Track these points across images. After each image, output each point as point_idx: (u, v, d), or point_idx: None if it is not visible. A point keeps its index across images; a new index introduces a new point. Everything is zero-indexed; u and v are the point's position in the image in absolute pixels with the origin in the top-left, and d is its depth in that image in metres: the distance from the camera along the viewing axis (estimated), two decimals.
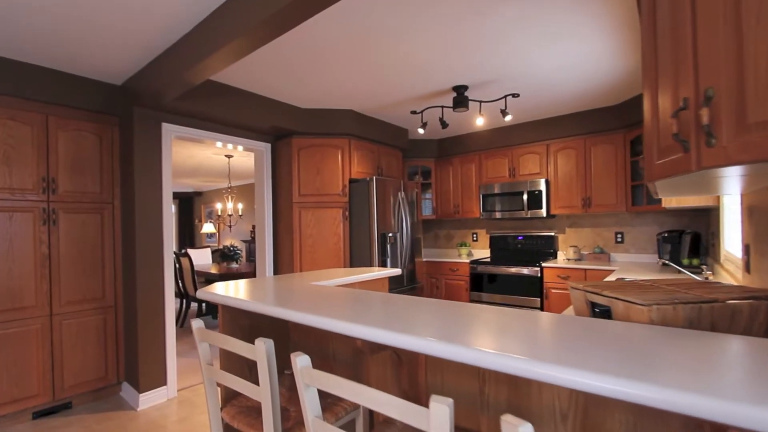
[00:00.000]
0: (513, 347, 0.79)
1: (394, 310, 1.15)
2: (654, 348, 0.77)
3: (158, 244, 2.90)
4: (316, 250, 3.59)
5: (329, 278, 1.88)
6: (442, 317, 1.06)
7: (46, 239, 2.64)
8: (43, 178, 2.64)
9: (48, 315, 2.64)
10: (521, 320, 1.02)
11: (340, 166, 3.64)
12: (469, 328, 0.94)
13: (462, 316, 1.08)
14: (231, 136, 3.38)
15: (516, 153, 4.33)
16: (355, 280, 1.93)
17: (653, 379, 0.63)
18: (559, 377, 0.69)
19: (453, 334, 0.89)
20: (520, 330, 0.92)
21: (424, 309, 1.16)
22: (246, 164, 6.51)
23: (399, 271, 2.27)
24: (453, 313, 1.10)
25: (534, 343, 0.82)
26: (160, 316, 2.90)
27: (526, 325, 0.97)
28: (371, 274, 2.01)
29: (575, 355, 0.74)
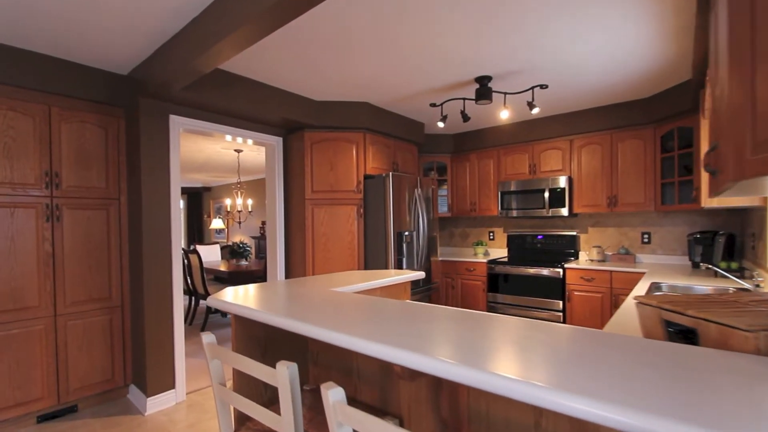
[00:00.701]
0: (579, 383, 0.63)
1: (428, 328, 0.99)
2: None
3: (166, 241, 2.78)
4: (330, 249, 3.44)
5: (348, 283, 1.73)
6: (491, 336, 0.90)
7: (49, 236, 2.53)
8: (46, 173, 2.52)
9: (52, 315, 2.53)
10: (582, 343, 0.86)
11: (354, 161, 3.48)
12: (526, 354, 0.78)
13: (510, 333, 0.92)
14: (241, 130, 3.23)
15: (537, 149, 4.13)
16: (377, 285, 1.78)
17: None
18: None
19: (499, 361, 0.73)
20: (589, 357, 0.76)
21: (467, 325, 1.00)
22: (256, 159, 6.38)
23: (422, 274, 2.11)
24: (504, 331, 0.94)
25: (610, 378, 0.66)
26: (168, 316, 2.78)
27: (592, 350, 0.81)
28: (393, 279, 1.86)
29: (673, 400, 0.58)
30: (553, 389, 0.65)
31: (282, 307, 1.25)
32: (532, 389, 0.66)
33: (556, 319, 3.68)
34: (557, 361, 0.77)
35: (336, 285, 1.70)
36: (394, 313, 1.16)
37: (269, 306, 1.26)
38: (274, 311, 1.18)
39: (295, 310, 1.20)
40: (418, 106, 3.62)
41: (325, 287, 1.63)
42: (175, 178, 2.82)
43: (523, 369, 0.73)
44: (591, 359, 0.77)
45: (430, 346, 0.87)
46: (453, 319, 1.09)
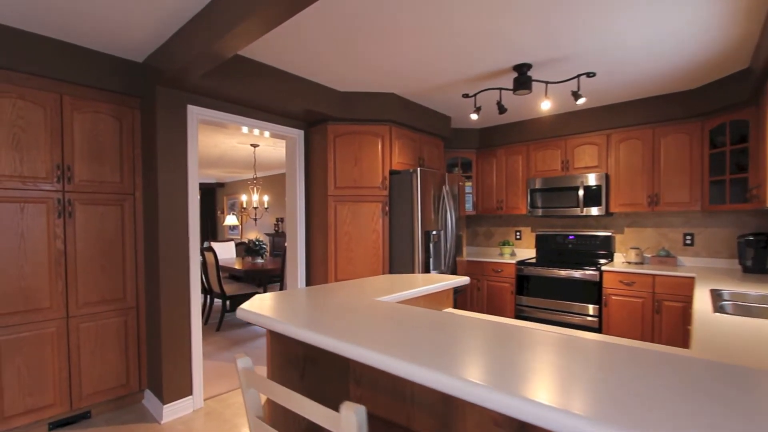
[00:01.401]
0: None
1: (525, 359, 0.79)
2: None
3: (183, 238, 2.62)
4: (353, 249, 3.25)
5: (390, 291, 1.54)
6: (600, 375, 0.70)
7: (61, 234, 2.38)
8: (58, 166, 2.36)
9: (64, 317, 2.39)
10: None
11: (380, 155, 3.28)
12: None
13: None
14: (261, 122, 3.05)
15: (571, 144, 3.89)
16: (423, 292, 1.59)
17: None
18: None
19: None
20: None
21: (578, 357, 0.81)
22: (272, 155, 6.21)
23: (467, 280, 1.91)
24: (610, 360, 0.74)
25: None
26: (185, 318, 2.62)
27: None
28: (439, 285, 1.66)
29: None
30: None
31: (328, 323, 1.06)
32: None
33: (590, 324, 3.46)
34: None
35: (377, 293, 1.51)
36: (467, 334, 0.96)
37: (313, 322, 1.07)
38: (323, 329, 1.00)
39: (345, 329, 1.01)
40: (448, 98, 3.40)
41: (366, 296, 1.44)
42: (192, 171, 2.66)
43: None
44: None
45: (553, 391, 0.67)
46: (552, 346, 0.89)
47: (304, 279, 3.43)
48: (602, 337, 1.32)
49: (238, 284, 5.17)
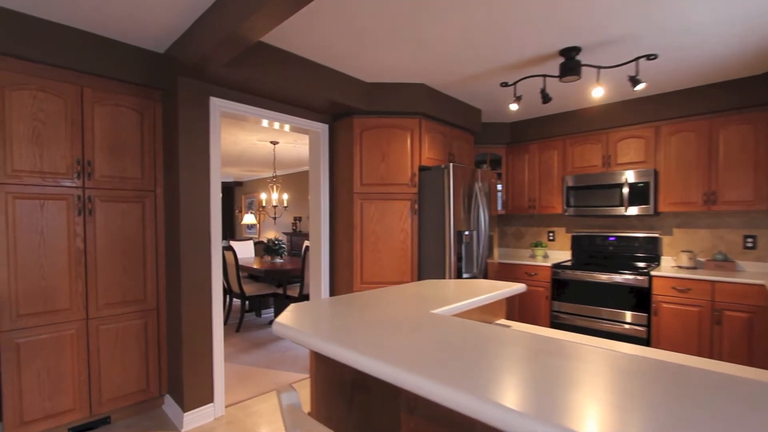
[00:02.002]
0: None
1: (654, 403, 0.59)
2: None
3: (205, 237, 2.49)
4: (380, 249, 3.08)
5: (445, 301, 1.34)
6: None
7: (81, 232, 2.28)
8: (78, 161, 2.27)
9: (84, 319, 2.29)
10: None
11: (409, 150, 3.09)
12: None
13: None
14: (283, 115, 2.90)
15: (613, 137, 3.61)
16: (483, 301, 1.39)
17: None
18: None
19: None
20: None
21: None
22: (291, 152, 6.11)
23: (523, 287, 1.70)
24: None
25: None
26: (206, 320, 2.50)
27: None
28: (498, 293, 1.46)
29: None
30: None
31: (388, 345, 0.88)
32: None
33: (636, 335, 3.18)
34: None
35: (428, 303, 1.32)
36: (573, 366, 0.76)
37: (368, 344, 0.89)
38: (385, 355, 0.81)
39: (409, 354, 0.83)
40: (481, 88, 3.18)
41: (419, 307, 1.25)
42: (215, 166, 2.53)
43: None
44: None
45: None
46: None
47: (328, 281, 3.27)
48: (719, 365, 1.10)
49: (257, 284, 5.07)
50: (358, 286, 3.08)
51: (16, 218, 2.08)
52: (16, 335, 2.07)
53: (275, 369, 3.37)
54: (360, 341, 0.89)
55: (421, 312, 1.17)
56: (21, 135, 2.09)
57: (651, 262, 3.57)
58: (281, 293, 4.78)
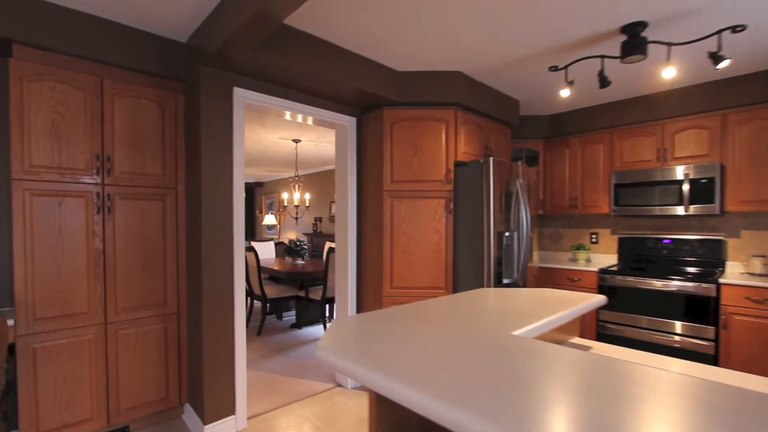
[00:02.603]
0: None
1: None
2: None
3: (227, 238, 2.33)
4: (412, 252, 2.85)
5: (521, 320, 1.10)
6: None
7: (100, 231, 2.16)
8: (97, 156, 2.15)
9: (102, 323, 2.17)
10: None
11: (443, 144, 2.85)
12: None
13: None
14: (309, 107, 2.72)
15: (670, 128, 3.26)
16: (565, 318, 1.14)
17: None
18: None
19: None
20: None
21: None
22: (313, 151, 5.97)
23: (603, 299, 1.44)
24: None
25: None
26: (228, 326, 2.34)
27: None
28: (579, 308, 1.21)
29: None
30: None
31: (482, 390, 0.65)
32: None
33: (701, 350, 2.82)
34: None
35: (499, 321, 1.08)
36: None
37: (456, 389, 0.67)
38: (498, 418, 0.59)
39: (513, 407, 0.60)
40: (522, 76, 2.91)
41: (490, 327, 1.02)
42: (238, 162, 2.37)
43: None
44: None
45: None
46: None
47: (355, 285, 3.06)
48: None
49: (278, 286, 4.93)
50: (388, 290, 2.87)
51: (34, 216, 1.97)
52: (33, 340, 1.96)
53: (298, 377, 3.20)
54: (440, 382, 0.67)
55: (499, 334, 0.94)
56: (39, 128, 1.98)
57: (714, 268, 3.19)
58: (303, 296, 4.63)
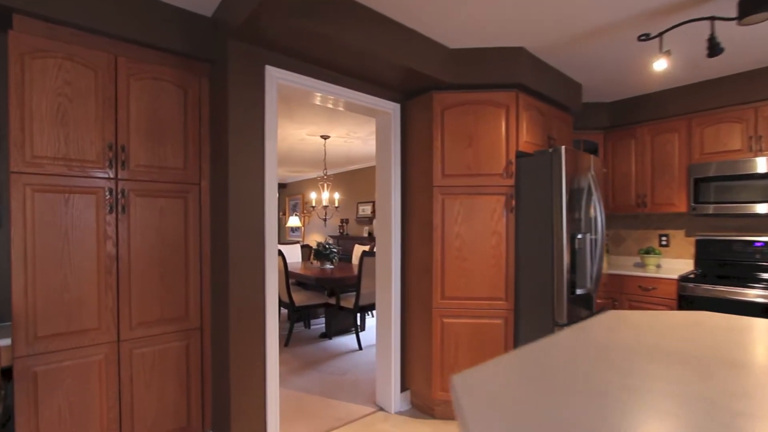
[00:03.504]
0: None
1: None
2: None
3: (258, 241, 2.00)
4: (466, 257, 2.45)
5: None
6: None
7: (112, 233, 1.85)
8: (110, 146, 1.84)
9: (115, 341, 1.85)
10: None
11: (503, 132, 2.46)
12: None
13: None
14: (347, 89, 2.37)
15: (765, 112, 2.77)
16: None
17: None
18: None
19: None
20: None
21: None
22: (341, 149, 5.64)
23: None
24: None
25: None
26: (258, 344, 2.00)
27: None
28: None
29: None
30: None
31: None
32: None
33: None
34: None
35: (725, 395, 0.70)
36: None
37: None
38: None
39: None
40: (590, 52, 2.49)
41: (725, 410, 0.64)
42: (271, 154, 2.03)
43: None
44: None
45: None
46: None
47: (399, 294, 2.69)
48: None
49: (306, 292, 4.60)
50: (438, 301, 2.48)
51: (36, 216, 1.67)
52: (34, 362, 1.66)
53: (333, 397, 2.84)
54: None
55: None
56: (43, 113, 1.69)
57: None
58: (334, 304, 4.28)
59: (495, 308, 2.47)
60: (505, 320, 2.47)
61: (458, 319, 2.48)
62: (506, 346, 2.47)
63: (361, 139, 5.08)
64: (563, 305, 2.28)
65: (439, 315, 2.49)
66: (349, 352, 3.92)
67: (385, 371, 2.69)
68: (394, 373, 2.66)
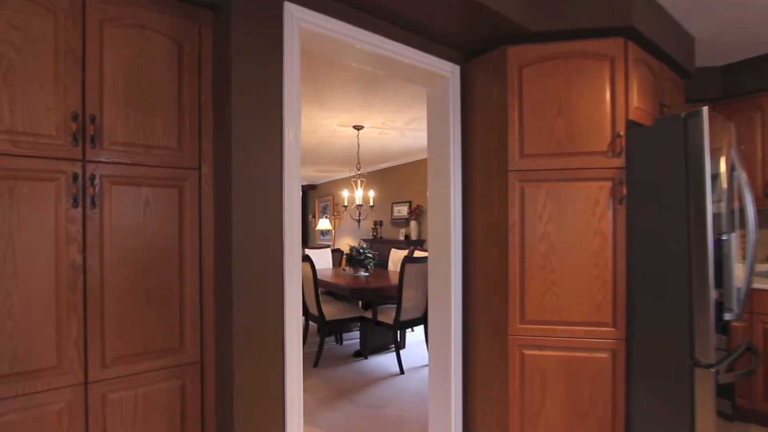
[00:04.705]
0: None
1: None
2: None
3: (274, 247, 1.45)
4: (556, 267, 1.80)
5: None
6: None
7: (78, 236, 1.35)
8: (74, 116, 1.34)
9: (81, 383, 1.35)
10: None
11: (607, 95, 1.79)
12: None
13: None
14: (390, 41, 1.78)
15: None
16: None
17: None
18: None
19: None
20: None
21: None
22: (374, 143, 5.09)
23: None
24: None
25: None
26: (274, 387, 1.45)
27: None
28: None
29: None
30: None
31: None
32: None
33: None
34: None
35: None
36: None
37: None
38: None
39: None
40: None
41: None
42: (291, 124, 1.47)
43: None
44: None
45: None
46: None
47: (460, 315, 2.06)
48: None
49: (338, 304, 4.03)
50: (516, 326, 1.83)
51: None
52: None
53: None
54: None
55: None
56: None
57: None
58: (370, 318, 3.70)
59: (598, 337, 1.79)
60: (612, 353, 1.79)
61: (544, 350, 1.83)
62: (615, 389, 1.78)
63: (398, 130, 4.50)
64: (708, 336, 1.58)
65: (518, 344, 1.84)
66: (388, 376, 3.32)
67: (440, 411, 2.08)
68: (454, 414, 2.04)
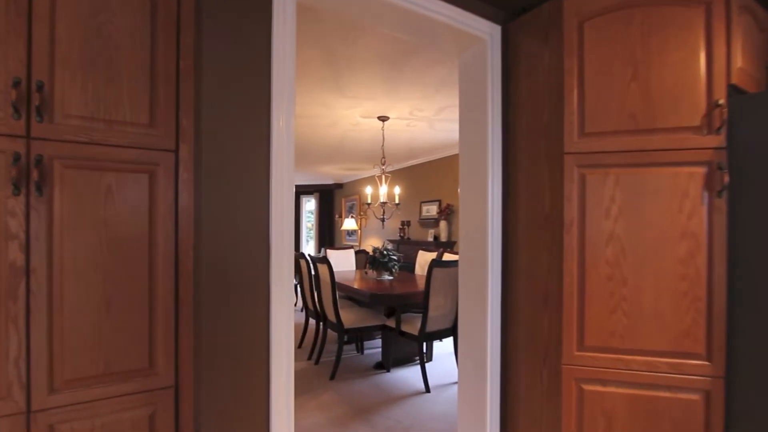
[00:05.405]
0: None
1: None
2: None
3: (257, 251, 1.14)
4: (628, 279, 1.38)
5: None
6: None
7: (19, 231, 1.09)
8: (16, 82, 1.09)
9: (23, 412, 1.09)
10: None
11: (701, 54, 1.35)
12: None
13: None
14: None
15: None
16: None
17: None
18: None
19: None
20: None
21: None
22: (401, 137, 4.75)
23: None
24: None
25: None
26: (257, 418, 1.13)
27: None
28: None
29: None
30: None
31: None
32: None
33: None
34: None
35: None
36: None
37: None
38: None
39: None
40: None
41: None
42: (282, 98, 1.16)
43: None
44: None
45: None
46: None
47: (498, 335, 1.67)
48: None
49: (358, 311, 3.71)
50: (573, 353, 1.43)
51: None
52: None
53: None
54: None
55: None
56: None
57: None
58: (393, 327, 3.36)
59: (685, 372, 1.36)
60: (706, 395, 1.35)
61: (610, 386, 1.41)
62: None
63: (426, 121, 4.13)
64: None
65: (574, 377, 1.44)
66: (412, 394, 2.96)
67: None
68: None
